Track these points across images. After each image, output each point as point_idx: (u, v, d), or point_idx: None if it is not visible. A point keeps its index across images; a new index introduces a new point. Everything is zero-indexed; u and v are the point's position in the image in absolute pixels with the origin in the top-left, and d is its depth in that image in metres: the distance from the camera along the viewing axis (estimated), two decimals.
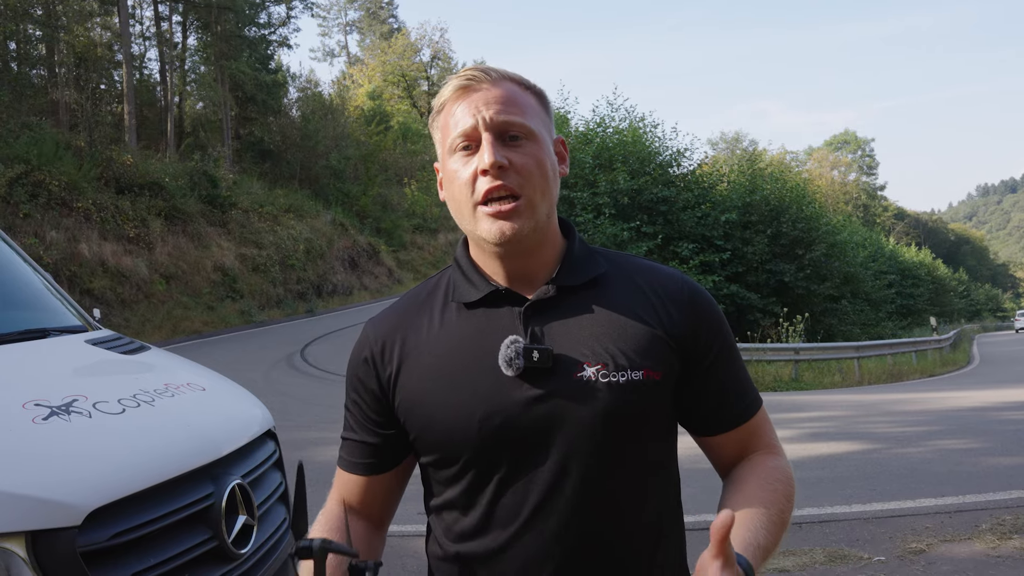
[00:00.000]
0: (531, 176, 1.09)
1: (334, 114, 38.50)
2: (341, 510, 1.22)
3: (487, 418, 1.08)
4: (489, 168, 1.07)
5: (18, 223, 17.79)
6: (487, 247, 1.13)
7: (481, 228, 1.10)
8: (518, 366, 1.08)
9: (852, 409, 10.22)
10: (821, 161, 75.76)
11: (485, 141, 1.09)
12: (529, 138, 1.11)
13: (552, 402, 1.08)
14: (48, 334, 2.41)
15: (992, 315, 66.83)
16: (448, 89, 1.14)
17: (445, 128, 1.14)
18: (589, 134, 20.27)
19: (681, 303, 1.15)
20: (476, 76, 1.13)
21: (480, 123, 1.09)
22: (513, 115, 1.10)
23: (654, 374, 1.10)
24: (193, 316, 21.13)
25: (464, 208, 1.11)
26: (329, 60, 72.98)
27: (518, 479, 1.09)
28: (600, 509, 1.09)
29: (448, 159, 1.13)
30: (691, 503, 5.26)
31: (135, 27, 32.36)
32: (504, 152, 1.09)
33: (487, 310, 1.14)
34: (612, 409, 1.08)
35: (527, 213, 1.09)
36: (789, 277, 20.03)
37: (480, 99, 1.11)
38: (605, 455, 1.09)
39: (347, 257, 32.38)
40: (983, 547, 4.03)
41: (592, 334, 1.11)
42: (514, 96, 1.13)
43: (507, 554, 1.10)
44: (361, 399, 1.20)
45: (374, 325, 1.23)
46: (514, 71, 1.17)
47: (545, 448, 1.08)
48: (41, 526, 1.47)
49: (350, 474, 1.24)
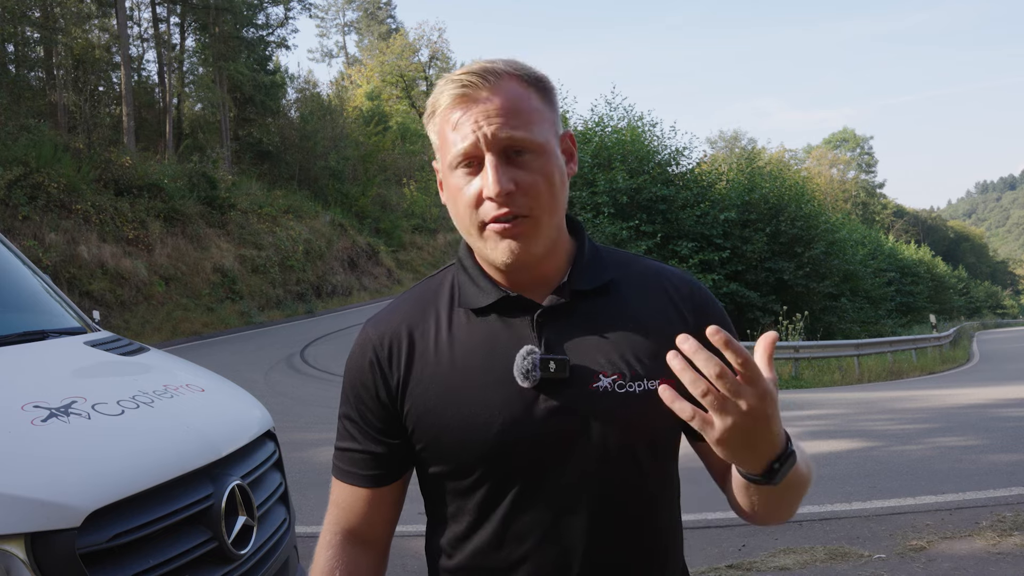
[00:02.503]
0: (539, 195, 1.04)
1: (332, 115, 38.48)
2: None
3: (504, 431, 1.05)
4: (495, 197, 1.02)
5: (17, 225, 17.78)
6: (495, 265, 1.10)
7: (488, 248, 1.06)
8: (535, 378, 1.05)
9: (852, 407, 10.23)
10: (820, 159, 75.75)
11: (489, 164, 1.03)
12: (535, 152, 1.05)
13: (568, 413, 1.05)
14: (47, 336, 2.40)
15: (992, 312, 66.79)
16: (444, 96, 1.06)
17: (443, 136, 1.08)
18: (588, 133, 20.27)
19: (691, 307, 1.14)
20: (474, 82, 1.04)
21: (482, 141, 1.03)
22: (517, 129, 1.03)
23: (669, 382, 1.06)
24: (192, 317, 21.12)
25: (470, 228, 1.07)
26: (327, 61, 73.06)
27: (534, 491, 1.07)
28: (616, 519, 1.08)
29: (449, 173, 1.08)
30: (690, 501, 5.27)
31: (133, 29, 32.37)
32: (510, 172, 1.03)
33: (498, 317, 1.10)
34: (630, 420, 1.06)
35: (535, 233, 1.05)
36: (788, 275, 20.04)
37: (480, 112, 1.03)
38: (621, 464, 1.07)
39: (346, 258, 32.37)
40: (983, 544, 4.03)
41: (607, 342, 1.08)
42: (516, 102, 1.05)
43: (523, 567, 1.07)
44: (365, 406, 1.13)
45: (376, 326, 1.16)
46: (513, 60, 1.09)
47: (562, 460, 1.06)
48: (40, 528, 1.47)
49: (352, 487, 1.16)
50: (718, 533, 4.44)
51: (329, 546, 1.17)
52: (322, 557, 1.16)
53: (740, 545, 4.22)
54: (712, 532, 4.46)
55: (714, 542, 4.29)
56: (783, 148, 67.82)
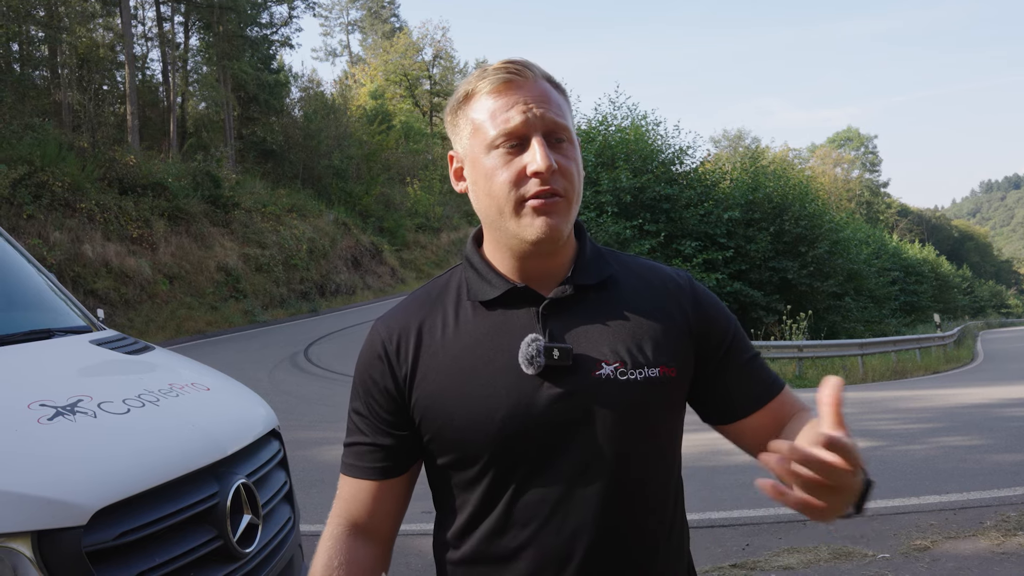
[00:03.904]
0: (572, 180, 1.10)
1: (336, 114, 38.49)
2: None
3: (509, 417, 1.07)
4: (544, 171, 1.06)
5: (22, 224, 17.81)
6: (522, 246, 1.11)
7: (523, 225, 1.09)
8: (539, 364, 1.08)
9: (856, 406, 10.21)
10: (824, 158, 75.60)
11: (537, 143, 1.07)
12: (569, 141, 1.12)
13: (572, 400, 1.08)
14: (53, 335, 2.41)
15: (996, 312, 66.61)
16: (485, 82, 1.11)
17: (481, 119, 1.11)
18: (591, 132, 20.24)
19: (690, 299, 1.18)
20: (520, 71, 1.10)
21: (532, 121, 1.08)
22: (559, 116, 1.10)
23: (669, 370, 1.12)
24: (197, 316, 21.15)
25: (504, 206, 1.09)
26: (331, 60, 72.96)
27: (538, 478, 1.09)
28: (618, 505, 1.10)
29: (484, 154, 1.10)
30: (694, 500, 5.26)
31: (137, 28, 32.42)
32: (553, 155, 1.08)
33: (504, 309, 1.14)
34: (631, 406, 1.09)
35: (567, 213, 1.10)
36: (792, 274, 20.00)
37: (528, 96, 1.09)
38: (623, 451, 1.09)
39: (350, 256, 32.38)
40: (988, 544, 4.02)
41: (609, 332, 1.12)
42: (553, 96, 1.12)
43: (526, 553, 1.09)
44: (374, 399, 1.16)
45: (385, 323, 1.20)
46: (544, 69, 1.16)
47: (565, 446, 1.08)
48: (47, 526, 1.48)
49: (360, 480, 1.18)
50: (722, 532, 4.44)
51: (331, 537, 1.19)
52: (323, 547, 1.18)
53: (744, 544, 4.22)
54: (716, 531, 4.46)
55: (718, 541, 4.29)
56: (787, 147, 67.68)
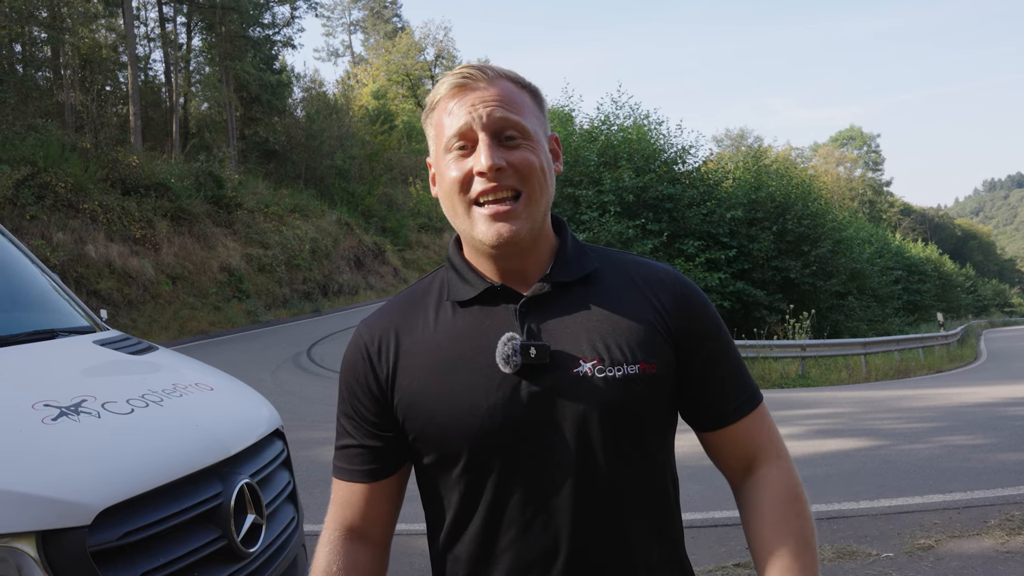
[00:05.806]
0: (528, 176, 1.09)
1: (339, 114, 38.49)
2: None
3: (487, 416, 1.08)
4: (486, 171, 1.07)
5: (25, 225, 17.85)
6: (482, 248, 1.12)
7: (477, 230, 1.10)
8: (515, 363, 1.07)
9: (859, 405, 10.19)
10: (827, 157, 75.49)
11: (482, 142, 1.08)
12: (525, 137, 1.11)
13: (550, 398, 1.08)
14: (56, 335, 2.42)
15: (999, 310, 66.49)
16: (443, 87, 1.13)
17: (439, 126, 1.13)
18: (594, 132, 20.23)
19: (673, 297, 1.16)
20: (472, 74, 1.11)
21: (476, 122, 1.09)
22: (510, 113, 1.10)
23: (649, 367, 1.10)
24: (200, 316, 21.17)
25: (458, 208, 1.11)
26: (333, 60, 72.95)
27: (519, 477, 1.09)
28: (600, 503, 1.09)
29: (442, 157, 1.13)
30: (697, 500, 5.25)
31: (140, 28, 32.44)
32: (501, 153, 1.08)
33: (483, 308, 1.14)
34: (609, 403, 1.08)
35: (524, 215, 1.09)
36: (795, 274, 19.96)
37: (476, 98, 1.10)
38: (604, 449, 1.09)
39: (353, 256, 32.39)
40: (992, 543, 4.01)
41: (587, 329, 1.11)
42: (510, 94, 1.12)
43: (510, 553, 1.10)
44: (359, 401, 1.17)
45: (367, 325, 1.21)
46: (510, 69, 1.16)
47: (544, 444, 1.08)
48: (51, 526, 1.48)
49: (351, 484, 1.20)
50: (726, 531, 4.43)
51: (328, 542, 1.19)
52: (321, 553, 1.19)
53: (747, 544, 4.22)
54: (720, 531, 4.46)
55: (722, 540, 4.28)
56: (789, 146, 67.72)
